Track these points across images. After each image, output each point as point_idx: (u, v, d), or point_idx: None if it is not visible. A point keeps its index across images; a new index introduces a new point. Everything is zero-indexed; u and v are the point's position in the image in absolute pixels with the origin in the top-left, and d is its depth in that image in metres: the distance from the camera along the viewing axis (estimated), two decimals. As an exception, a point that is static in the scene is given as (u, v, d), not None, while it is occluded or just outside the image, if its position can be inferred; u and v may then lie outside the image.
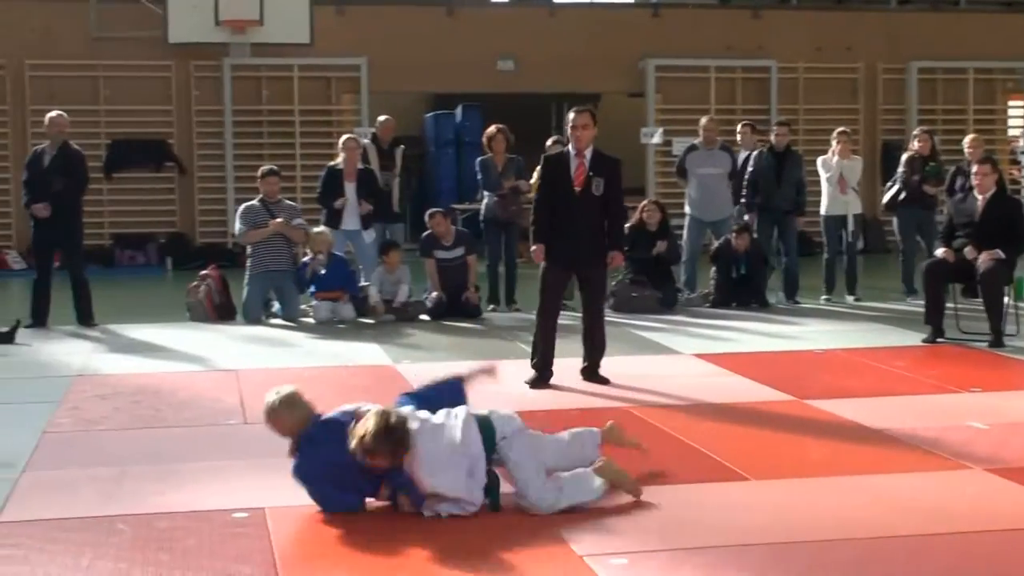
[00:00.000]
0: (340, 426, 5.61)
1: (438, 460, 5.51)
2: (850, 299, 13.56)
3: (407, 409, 5.75)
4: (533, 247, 9.13)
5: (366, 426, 5.43)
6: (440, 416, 5.75)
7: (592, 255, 8.86)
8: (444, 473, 5.51)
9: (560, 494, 5.65)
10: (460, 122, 20.69)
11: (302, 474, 5.69)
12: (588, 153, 8.77)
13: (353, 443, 5.43)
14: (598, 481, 5.78)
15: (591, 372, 9.04)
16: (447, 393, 6.20)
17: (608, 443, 6.24)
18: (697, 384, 9.00)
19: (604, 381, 8.92)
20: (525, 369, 9.51)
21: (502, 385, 7.51)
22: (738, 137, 14.54)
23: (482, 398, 6.35)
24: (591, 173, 8.72)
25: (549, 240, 8.91)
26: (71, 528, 5.56)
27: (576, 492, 5.70)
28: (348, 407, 5.84)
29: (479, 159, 13.65)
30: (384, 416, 5.47)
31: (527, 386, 8.80)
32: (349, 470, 5.57)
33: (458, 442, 5.59)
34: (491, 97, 20.15)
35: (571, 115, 8.88)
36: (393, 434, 5.46)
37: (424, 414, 5.74)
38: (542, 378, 8.93)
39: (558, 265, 8.98)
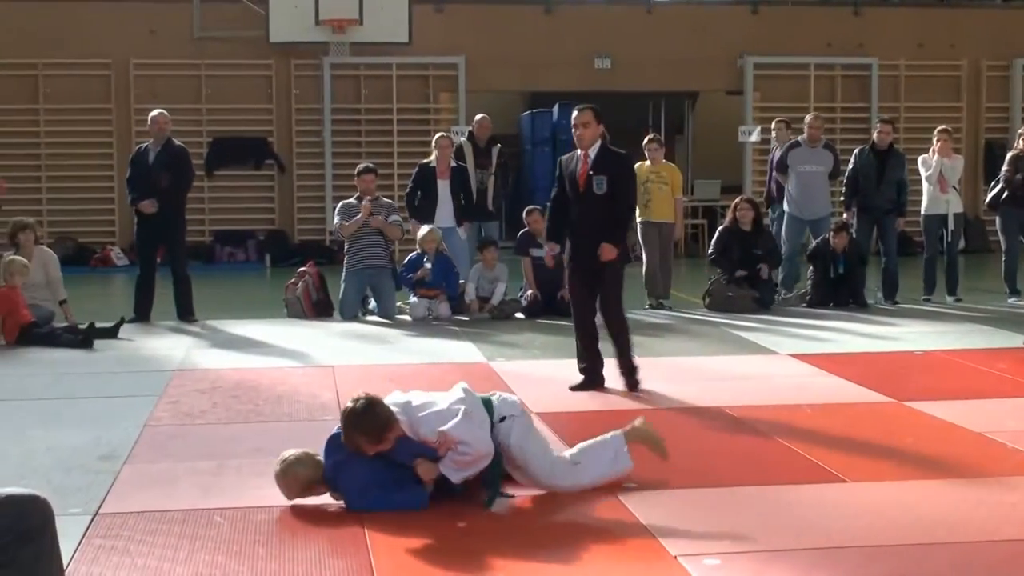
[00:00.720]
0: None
1: (442, 415, 5.63)
2: (950, 300, 13.36)
3: (397, 395, 5.86)
4: (546, 247, 9.35)
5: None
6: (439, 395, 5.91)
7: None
8: (452, 423, 5.61)
9: (579, 472, 5.72)
10: (557, 120, 20.67)
11: (356, 501, 5.69)
12: (592, 152, 8.57)
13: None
14: (612, 453, 5.85)
15: (626, 373, 8.71)
16: None
17: (636, 441, 6.18)
18: (794, 384, 8.93)
19: (634, 385, 8.62)
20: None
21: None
22: (773, 133, 14.50)
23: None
24: (592, 172, 8.51)
25: (560, 239, 8.95)
26: (170, 520, 5.64)
27: (596, 466, 5.78)
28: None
29: (575, 157, 13.62)
30: (347, 406, 5.56)
31: (570, 390, 8.62)
32: (383, 469, 5.63)
33: (457, 398, 5.72)
34: (588, 95, 20.05)
35: (574, 113, 8.76)
36: (358, 416, 5.56)
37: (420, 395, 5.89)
38: (587, 382, 8.70)
39: (576, 271, 8.79)
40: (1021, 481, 6.24)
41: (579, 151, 8.66)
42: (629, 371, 8.66)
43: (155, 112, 12.56)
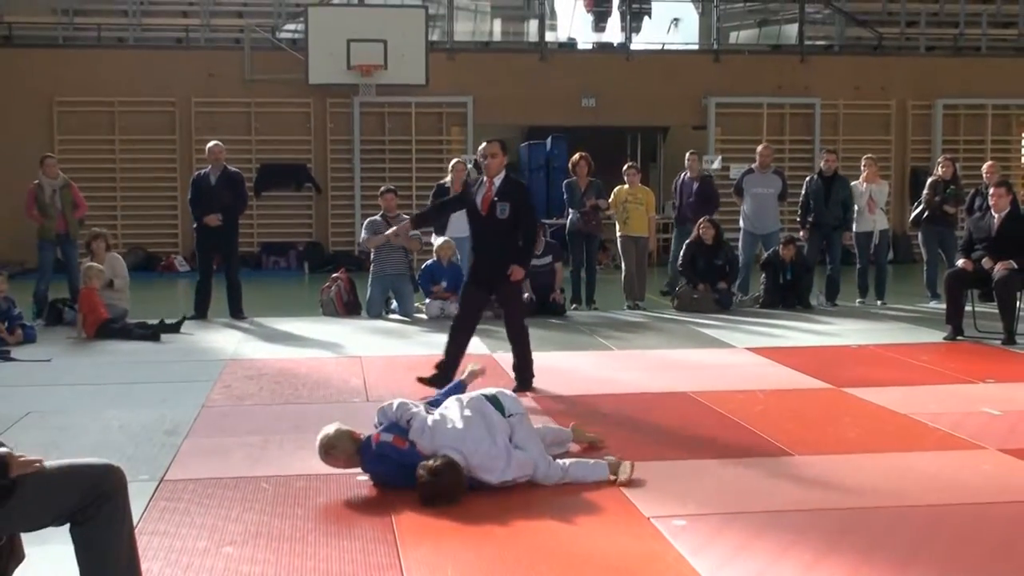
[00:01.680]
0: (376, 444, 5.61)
1: (456, 434, 5.51)
2: (879, 303, 13.35)
3: (398, 403, 5.78)
4: (404, 223, 9.29)
5: None
6: (451, 403, 5.80)
7: (501, 270, 8.04)
8: (468, 441, 5.49)
9: (565, 472, 5.62)
10: (549, 150, 20.67)
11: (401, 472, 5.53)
12: (497, 180, 8.03)
13: None
14: (602, 464, 5.72)
15: (521, 373, 8.22)
16: (453, 392, 6.27)
17: (576, 440, 6.29)
18: (749, 373, 8.92)
19: (525, 384, 8.13)
20: (604, 359, 9.49)
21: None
22: (686, 163, 14.49)
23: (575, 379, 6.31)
24: (496, 198, 7.97)
25: (420, 225, 9.15)
26: (223, 486, 5.64)
27: (581, 472, 5.64)
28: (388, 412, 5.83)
29: (565, 181, 13.65)
30: (426, 479, 5.32)
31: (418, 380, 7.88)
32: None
33: (470, 414, 5.63)
34: (576, 129, 20.13)
35: (482, 145, 8.18)
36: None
37: (422, 409, 5.76)
38: (437, 378, 7.80)
39: (473, 280, 8.29)
40: (940, 455, 6.25)
41: (485, 177, 8.13)
42: (525, 373, 8.22)
43: (212, 143, 12.57)
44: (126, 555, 3.69)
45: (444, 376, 7.70)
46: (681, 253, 13.35)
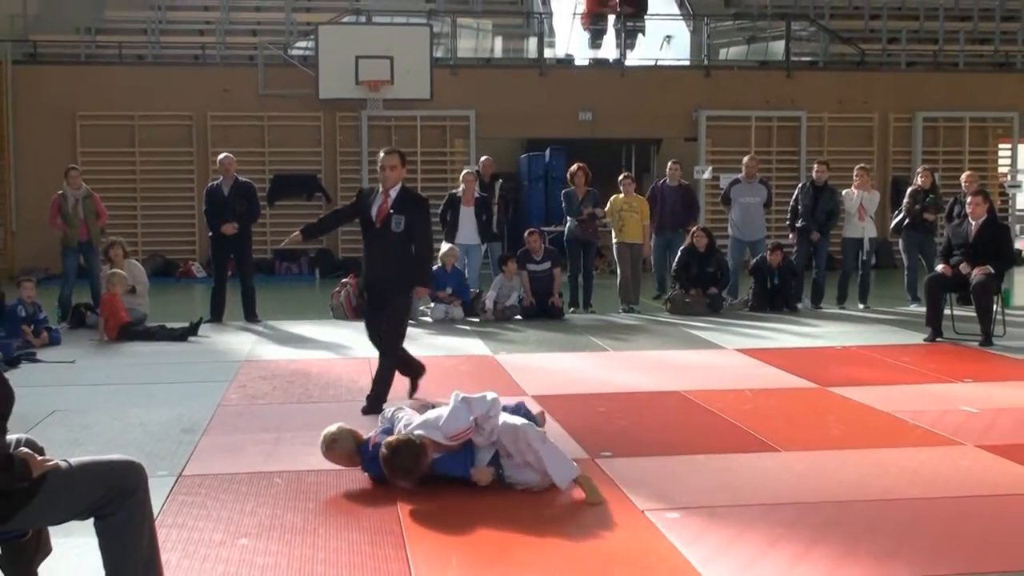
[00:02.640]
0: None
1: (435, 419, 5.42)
2: (861, 307, 13.34)
3: (393, 408, 5.76)
4: (296, 234, 7.84)
5: None
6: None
7: (392, 283, 7.40)
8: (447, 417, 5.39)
9: (544, 445, 5.39)
10: (548, 161, 20.65)
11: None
12: (394, 192, 7.39)
13: None
14: (574, 469, 5.34)
15: (374, 396, 7.38)
16: None
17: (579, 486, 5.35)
18: (738, 373, 8.92)
19: (370, 408, 7.22)
20: (601, 360, 9.46)
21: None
22: (666, 170, 14.49)
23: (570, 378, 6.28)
24: (392, 211, 7.34)
25: (310, 236, 7.80)
26: (238, 481, 5.64)
27: (555, 458, 5.33)
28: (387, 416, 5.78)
29: (564, 191, 13.65)
30: (383, 453, 5.30)
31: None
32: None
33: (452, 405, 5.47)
34: (573, 142, 20.14)
35: (381, 155, 7.47)
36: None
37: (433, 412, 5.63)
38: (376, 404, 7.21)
39: (367, 289, 7.72)
40: (921, 451, 6.24)
41: (380, 188, 7.49)
42: (377, 397, 7.36)
43: (222, 155, 12.60)
44: (147, 547, 3.69)
45: (377, 404, 7.13)
46: (676, 259, 13.35)
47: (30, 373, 9.15)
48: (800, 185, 13.71)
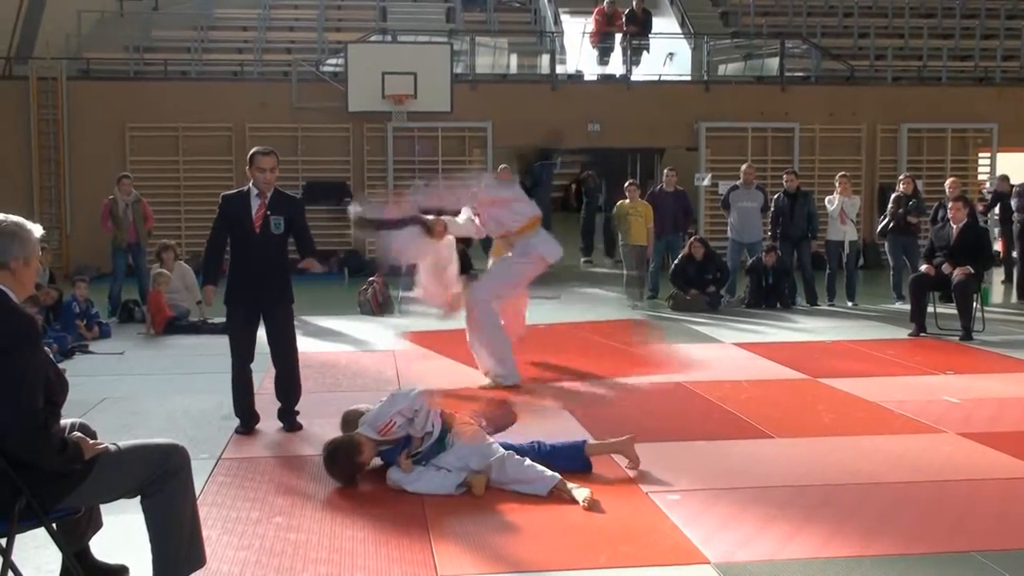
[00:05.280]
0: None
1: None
2: (850, 304, 13.28)
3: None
4: (204, 289, 6.99)
5: None
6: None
7: (275, 293, 6.63)
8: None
9: (520, 466, 5.16)
10: (559, 169, 20.63)
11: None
12: (269, 194, 6.64)
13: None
14: (550, 481, 5.08)
15: (286, 415, 6.69)
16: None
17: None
18: (735, 365, 8.90)
19: (298, 426, 6.61)
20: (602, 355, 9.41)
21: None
22: (663, 177, 14.43)
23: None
24: (269, 212, 6.57)
25: (216, 280, 6.84)
26: (273, 464, 5.69)
27: (529, 475, 5.10)
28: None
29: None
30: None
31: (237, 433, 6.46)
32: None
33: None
34: (584, 151, 20.11)
35: (257, 156, 6.66)
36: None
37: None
38: (246, 426, 6.55)
39: (240, 307, 6.57)
40: (905, 438, 6.23)
41: (251, 192, 6.70)
42: (292, 410, 6.74)
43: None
44: (189, 523, 3.71)
45: (247, 425, 6.55)
46: (673, 265, 13.30)
47: (83, 364, 9.20)
48: (776, 195, 13.64)
